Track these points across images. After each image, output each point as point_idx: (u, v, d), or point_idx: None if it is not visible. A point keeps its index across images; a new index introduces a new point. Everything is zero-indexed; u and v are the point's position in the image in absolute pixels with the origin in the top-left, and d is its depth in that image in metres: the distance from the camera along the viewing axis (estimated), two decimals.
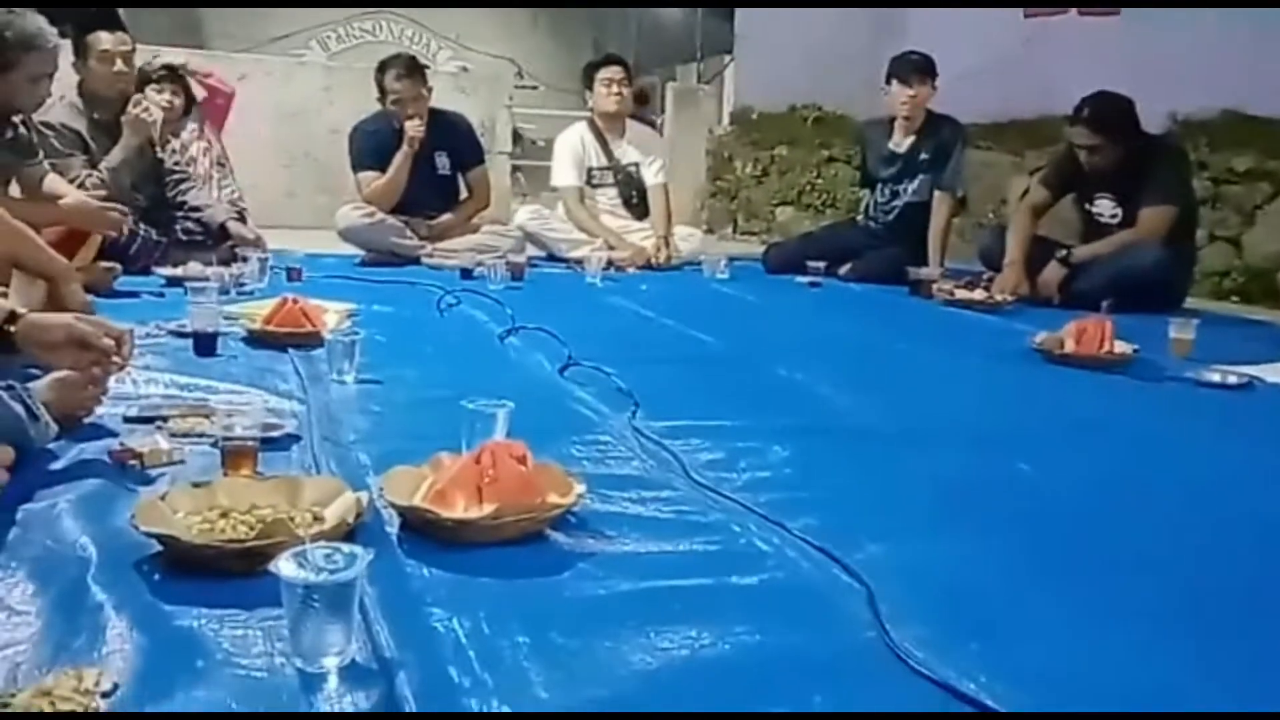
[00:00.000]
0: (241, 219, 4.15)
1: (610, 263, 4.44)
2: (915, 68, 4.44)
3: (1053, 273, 3.96)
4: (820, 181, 6.88)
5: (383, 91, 4.46)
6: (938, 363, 2.86)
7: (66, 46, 3.44)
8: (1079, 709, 0.97)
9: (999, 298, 3.84)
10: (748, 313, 3.72)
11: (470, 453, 1.39)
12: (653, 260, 4.68)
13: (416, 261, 4.36)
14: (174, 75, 4.23)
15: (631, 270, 4.54)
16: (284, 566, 0.96)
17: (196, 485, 1.32)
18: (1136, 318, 3.19)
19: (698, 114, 7.71)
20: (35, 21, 2.94)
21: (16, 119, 3.08)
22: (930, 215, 4.50)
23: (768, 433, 1.89)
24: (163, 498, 1.26)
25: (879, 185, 4.72)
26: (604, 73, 4.84)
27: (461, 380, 2.13)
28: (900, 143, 4.59)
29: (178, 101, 4.21)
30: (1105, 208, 4.06)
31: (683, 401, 2.11)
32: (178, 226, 3.89)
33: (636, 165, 4.92)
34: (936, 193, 4.51)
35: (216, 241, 3.93)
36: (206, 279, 3.00)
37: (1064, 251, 3.99)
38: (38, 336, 1.53)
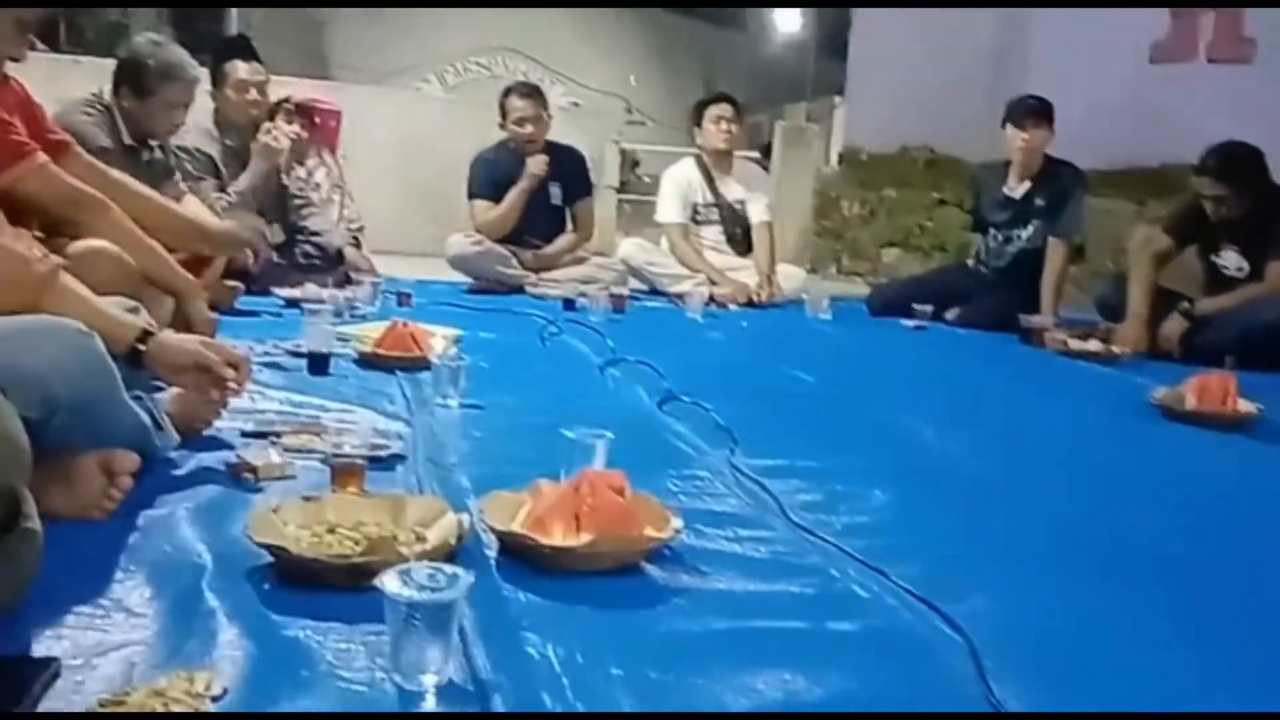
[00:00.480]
0: (357, 244, 4.29)
1: (712, 298, 4.46)
2: (1031, 111, 4.36)
3: (1174, 325, 3.82)
4: (930, 224, 6.78)
5: (504, 114, 4.60)
6: (1049, 413, 2.78)
7: (204, 76, 3.62)
8: None
9: (1119, 351, 3.71)
10: (850, 353, 3.67)
11: (569, 481, 1.40)
12: (755, 297, 4.67)
13: (521, 290, 4.45)
14: (301, 109, 4.43)
15: (733, 306, 4.54)
16: (388, 583, 0.98)
17: (307, 499, 1.36)
18: (1262, 375, 3.06)
19: (806, 153, 7.69)
20: (177, 53, 3.12)
21: (154, 143, 3.24)
22: (1044, 262, 4.39)
23: (869, 476, 1.86)
24: (275, 510, 1.30)
25: (992, 230, 4.63)
26: (713, 110, 4.87)
27: (561, 409, 2.16)
28: (1015, 187, 4.50)
29: (305, 134, 4.41)
30: (1231, 260, 3.91)
31: (782, 440, 2.10)
32: (297, 250, 4.05)
33: (742, 203, 4.93)
34: (1052, 239, 4.39)
35: (333, 265, 4.07)
36: (322, 301, 3.11)
37: (1186, 304, 3.85)
38: (165, 359, 1.62)
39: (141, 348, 1.59)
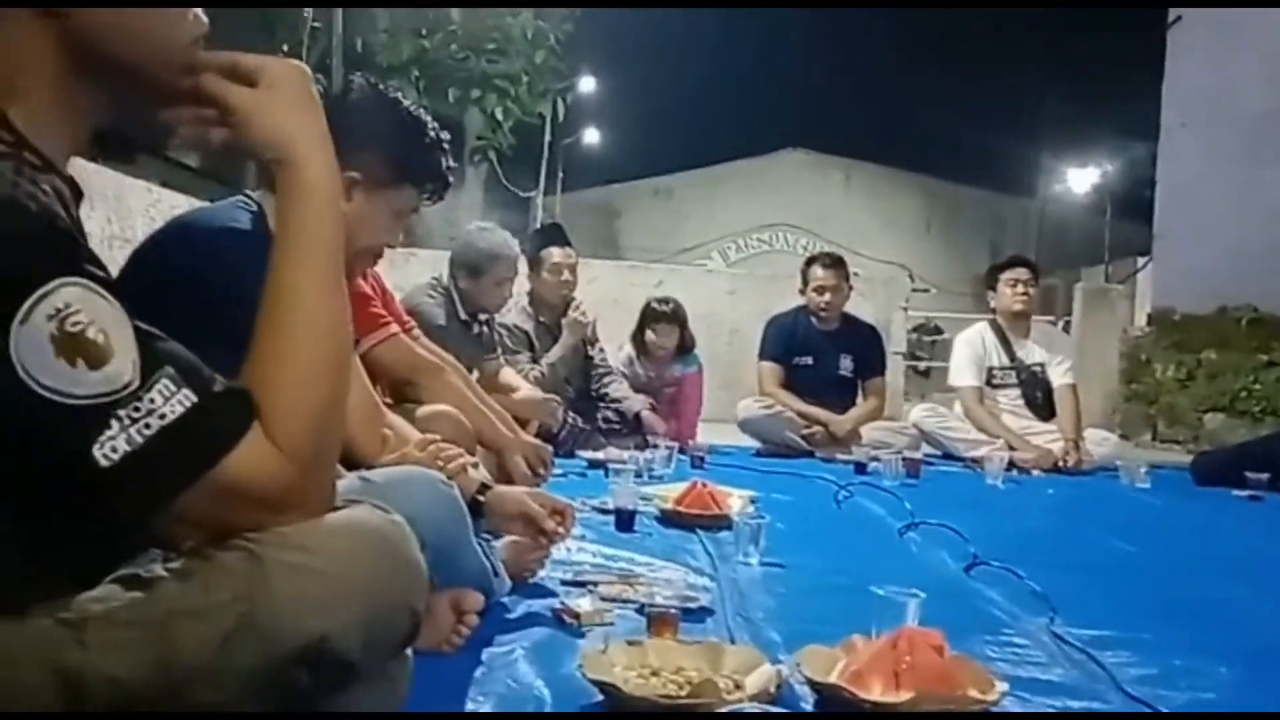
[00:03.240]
0: (654, 410, 4.50)
1: (1012, 463, 4.27)
2: None
3: None
4: (1258, 388, 6.23)
5: (805, 281, 4.79)
6: None
7: (522, 260, 4.03)
8: None
9: None
10: (1175, 523, 3.39)
11: (887, 637, 1.39)
12: (1061, 463, 4.43)
13: (810, 454, 4.47)
14: (678, 318, 4.65)
15: (1036, 473, 4.33)
16: None
17: (631, 643, 1.43)
18: None
19: (1111, 316, 7.35)
20: (501, 235, 3.54)
21: (482, 318, 3.61)
22: None
23: (1207, 652, 1.70)
24: (603, 651, 1.38)
25: None
26: (1010, 274, 4.81)
27: (863, 570, 2.13)
28: None
29: (671, 343, 4.63)
30: None
31: (1104, 611, 1.96)
32: (599, 415, 4.31)
33: (1041, 366, 4.76)
34: None
35: (631, 430, 4.29)
36: (624, 462, 3.27)
37: None
38: (500, 508, 1.80)
39: (481, 498, 1.76)
